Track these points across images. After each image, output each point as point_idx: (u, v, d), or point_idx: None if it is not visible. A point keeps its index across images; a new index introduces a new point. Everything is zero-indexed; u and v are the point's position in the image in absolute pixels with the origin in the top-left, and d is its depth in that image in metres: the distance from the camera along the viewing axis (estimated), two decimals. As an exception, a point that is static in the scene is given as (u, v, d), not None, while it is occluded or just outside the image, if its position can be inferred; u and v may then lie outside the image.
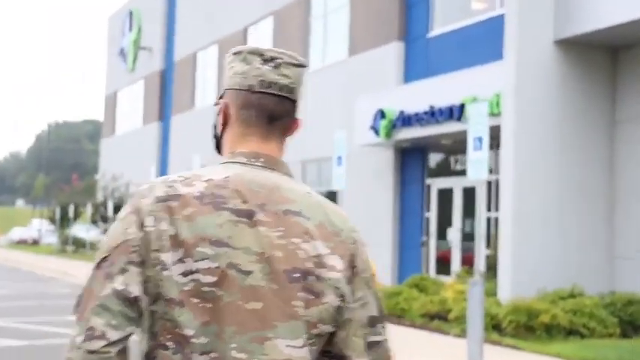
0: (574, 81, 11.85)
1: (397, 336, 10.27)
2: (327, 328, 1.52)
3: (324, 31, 19.82)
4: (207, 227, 1.46)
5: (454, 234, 15.20)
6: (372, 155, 16.92)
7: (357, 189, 17.02)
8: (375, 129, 15.48)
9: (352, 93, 17.55)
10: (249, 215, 1.49)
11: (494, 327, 9.18)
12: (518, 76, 11.28)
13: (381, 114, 15.32)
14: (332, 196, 17.88)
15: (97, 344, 1.38)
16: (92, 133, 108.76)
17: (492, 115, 12.39)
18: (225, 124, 1.64)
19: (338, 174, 10.81)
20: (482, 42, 14.34)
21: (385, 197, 16.61)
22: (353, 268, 1.56)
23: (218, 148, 1.70)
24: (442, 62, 15.21)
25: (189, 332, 1.43)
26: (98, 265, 1.46)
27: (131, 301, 1.42)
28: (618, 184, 12.03)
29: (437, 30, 15.88)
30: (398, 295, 11.63)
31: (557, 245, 11.65)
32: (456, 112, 13.42)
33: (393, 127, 15.06)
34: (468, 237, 14.99)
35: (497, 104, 12.35)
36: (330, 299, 1.50)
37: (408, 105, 14.72)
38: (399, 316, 11.33)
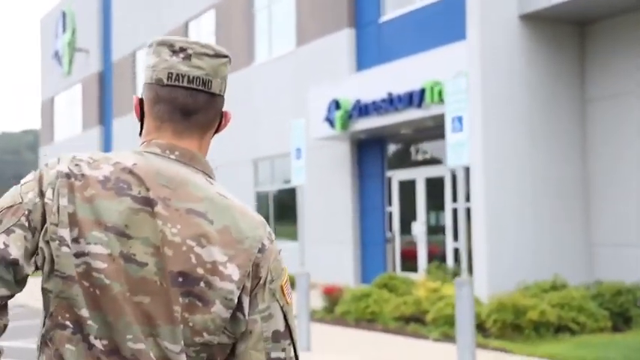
0: (542, 59, 11.13)
1: (370, 343, 9.42)
2: (215, 338, 1.45)
3: (269, 22, 18.82)
4: (105, 212, 1.41)
5: (419, 228, 14.39)
6: (327, 149, 16.02)
7: (314, 185, 16.10)
8: (329, 121, 14.57)
9: (303, 85, 16.62)
10: (151, 205, 1.43)
11: (478, 327, 8.36)
12: (482, 56, 10.49)
13: (336, 104, 14.43)
14: (290, 193, 16.99)
15: None
16: (32, 143, 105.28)
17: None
18: (141, 120, 1.58)
19: (297, 167, 9.83)
20: (439, 23, 13.55)
21: (344, 193, 15.73)
22: (257, 278, 1.48)
23: None
24: (397, 47, 14.37)
25: (84, 313, 1.40)
26: None
27: (7, 262, 1.38)
28: (592, 167, 11.35)
29: (389, 14, 15.05)
30: (367, 298, 10.74)
31: (532, 235, 10.93)
32: (415, 98, 12.59)
33: (349, 117, 14.17)
34: (432, 230, 14.21)
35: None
36: (218, 309, 1.43)
37: (364, 94, 13.86)
38: (370, 321, 10.45)
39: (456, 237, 13.44)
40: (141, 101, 1.57)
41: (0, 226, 1.40)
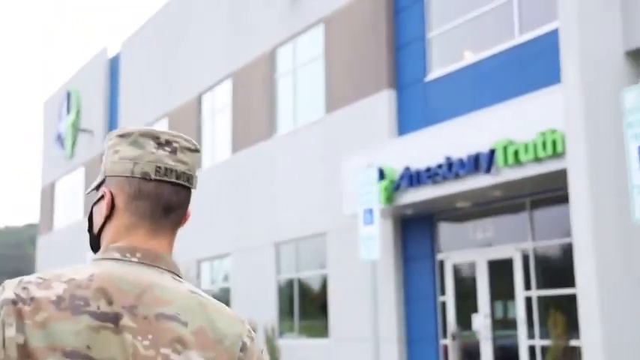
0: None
1: None
2: None
3: (293, 88, 16.84)
4: (62, 335, 1.28)
5: (481, 321, 11.90)
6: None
7: (349, 272, 13.70)
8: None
9: (334, 156, 14.47)
10: (114, 320, 1.31)
11: None
12: (586, 101, 8.28)
13: (380, 173, 12.20)
14: (323, 281, 14.54)
15: None
16: (34, 236, 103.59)
17: (542, 159, 9.41)
18: (109, 216, 1.46)
19: (368, 236, 7.52)
20: (502, 76, 11.48)
21: (386, 279, 13.30)
22: None
23: (95, 246, 1.52)
24: (446, 108, 12.26)
25: None
26: None
27: None
28: None
29: (435, 72, 13.01)
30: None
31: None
32: (483, 162, 10.37)
33: (396, 188, 11.92)
34: (498, 324, 11.73)
35: (549, 144, 9.35)
36: None
37: (415, 159, 11.65)
38: None
39: (531, 332, 10.96)
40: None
41: None
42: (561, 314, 9.90)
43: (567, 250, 10.84)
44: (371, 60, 14.14)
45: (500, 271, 11.69)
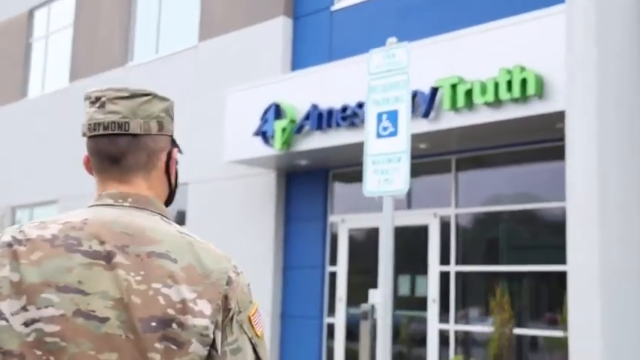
0: None
1: None
2: None
3: (158, 8, 14.01)
4: (55, 271, 1.38)
5: (379, 298, 9.96)
6: (242, 180, 11.34)
7: (222, 229, 11.33)
8: (263, 134, 9.99)
9: (208, 92, 12.00)
10: (107, 257, 1.41)
11: None
12: (599, 23, 6.46)
13: (276, 110, 9.91)
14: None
15: None
16: None
17: (513, 100, 7.62)
18: (92, 173, 1.60)
19: (402, 170, 5.76)
20: (435, 6, 9.57)
21: (262, 242, 11.05)
22: (227, 310, 1.45)
23: None
24: (360, 41, 10.19)
25: None
26: None
27: None
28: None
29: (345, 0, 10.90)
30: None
31: None
32: (421, 104, 8.41)
33: (297, 130, 9.68)
34: (402, 303, 9.89)
35: (517, 84, 7.53)
36: (196, 348, 1.40)
37: (327, 97, 9.48)
38: None
39: (445, 315, 9.21)
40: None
41: None
42: (509, 297, 8.16)
43: (497, 219, 9.18)
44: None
45: (412, 239, 9.85)
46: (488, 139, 8.58)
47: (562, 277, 8.23)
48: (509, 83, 7.62)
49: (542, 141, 8.31)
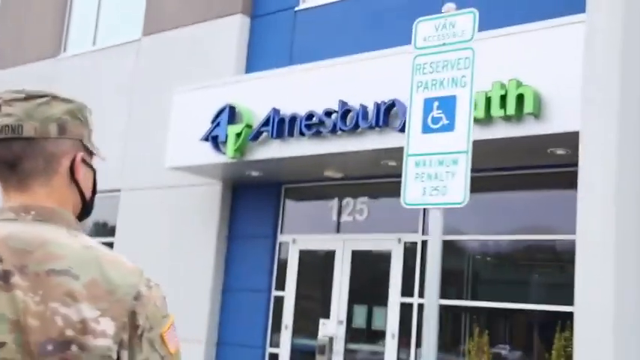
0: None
1: None
2: None
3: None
4: None
5: (332, 329, 9.02)
6: (185, 190, 10.23)
7: (155, 242, 10.19)
8: (214, 139, 8.94)
9: (152, 91, 10.89)
10: (4, 278, 1.29)
11: None
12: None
13: (230, 113, 8.88)
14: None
15: None
16: None
17: (506, 117, 6.85)
18: None
19: (459, 175, 4.76)
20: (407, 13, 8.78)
21: (202, 260, 9.94)
22: (134, 328, 1.32)
23: None
24: (326, 45, 9.29)
25: None
26: None
27: None
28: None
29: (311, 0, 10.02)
30: None
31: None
32: (400, 115, 7.54)
33: (254, 137, 8.66)
34: (357, 336, 8.96)
35: (512, 99, 6.75)
36: None
37: (291, 102, 8.51)
38: None
39: (405, 351, 8.33)
40: None
41: None
42: (486, 330, 7.31)
43: (469, 248, 8.38)
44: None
45: (372, 266, 8.94)
46: (473, 160, 7.77)
47: (549, 315, 7.46)
48: (503, 98, 6.84)
49: (533, 167, 7.56)
